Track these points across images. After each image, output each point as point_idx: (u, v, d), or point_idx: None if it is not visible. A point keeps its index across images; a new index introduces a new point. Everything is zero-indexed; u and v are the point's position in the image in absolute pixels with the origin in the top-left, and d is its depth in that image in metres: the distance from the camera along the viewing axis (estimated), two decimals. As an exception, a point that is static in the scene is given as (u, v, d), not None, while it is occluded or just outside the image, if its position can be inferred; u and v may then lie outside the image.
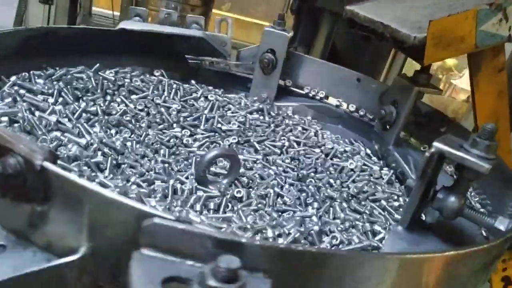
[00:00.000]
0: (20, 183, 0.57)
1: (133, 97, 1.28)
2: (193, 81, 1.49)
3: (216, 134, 1.24)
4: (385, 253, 0.79)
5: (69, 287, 0.57)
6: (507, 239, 0.76)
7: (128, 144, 1.06)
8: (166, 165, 1.03)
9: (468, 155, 0.76)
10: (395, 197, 1.09)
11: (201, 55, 1.52)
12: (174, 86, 1.39)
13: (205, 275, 0.47)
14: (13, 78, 1.09)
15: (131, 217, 0.53)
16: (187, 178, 1.02)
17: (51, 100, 1.09)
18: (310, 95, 1.59)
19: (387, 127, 1.28)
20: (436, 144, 0.78)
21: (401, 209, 1.04)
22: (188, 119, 1.26)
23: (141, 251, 0.51)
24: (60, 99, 1.11)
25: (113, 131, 1.09)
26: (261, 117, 1.42)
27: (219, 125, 1.27)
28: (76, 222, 0.57)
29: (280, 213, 0.96)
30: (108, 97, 1.22)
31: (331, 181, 1.12)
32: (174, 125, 1.21)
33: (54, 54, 1.23)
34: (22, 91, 1.05)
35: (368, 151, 1.34)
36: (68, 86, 1.15)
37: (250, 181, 1.06)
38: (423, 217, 0.92)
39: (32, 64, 1.16)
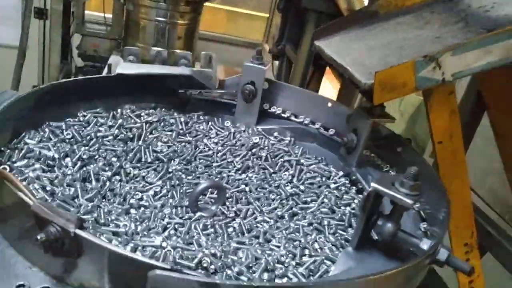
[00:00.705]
0: (59, 245, 0.79)
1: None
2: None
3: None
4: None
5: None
6: (427, 256, 0.99)
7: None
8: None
9: (397, 193, 0.98)
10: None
11: (190, 88, 1.74)
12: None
13: (193, 310, 0.70)
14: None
15: (138, 268, 0.76)
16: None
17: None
18: (285, 116, 1.80)
19: (350, 151, 1.51)
20: (373, 184, 1.01)
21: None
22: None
23: (148, 293, 0.74)
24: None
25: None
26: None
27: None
28: (100, 270, 0.80)
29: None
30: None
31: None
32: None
33: (62, 104, 1.44)
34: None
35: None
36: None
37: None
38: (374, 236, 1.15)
39: (46, 116, 1.38)
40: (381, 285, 0.89)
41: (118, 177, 1.32)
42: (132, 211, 1.21)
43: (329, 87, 4.52)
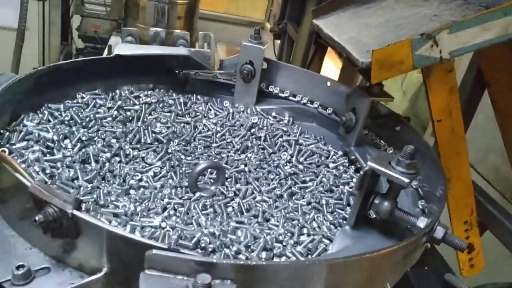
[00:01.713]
0: (57, 225, 0.80)
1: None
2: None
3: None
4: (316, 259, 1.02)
5: (98, 298, 0.82)
6: (424, 234, 1.00)
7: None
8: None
9: (393, 172, 0.99)
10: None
11: (188, 68, 1.73)
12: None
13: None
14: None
15: (136, 248, 0.77)
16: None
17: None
18: (284, 96, 1.79)
19: (349, 131, 1.51)
20: (369, 163, 1.01)
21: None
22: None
23: (145, 271, 0.75)
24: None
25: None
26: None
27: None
28: (98, 250, 0.81)
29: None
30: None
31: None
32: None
33: (61, 86, 1.44)
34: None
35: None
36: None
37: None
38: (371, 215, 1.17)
39: (44, 98, 1.38)
40: (378, 262, 0.90)
41: (117, 159, 1.33)
42: (132, 192, 1.22)
43: (331, 66, 4.49)
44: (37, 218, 0.78)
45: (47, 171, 1.12)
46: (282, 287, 0.80)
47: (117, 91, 1.59)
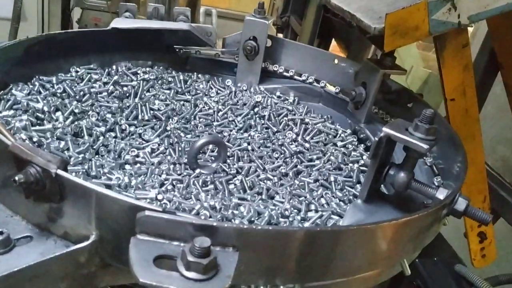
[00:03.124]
0: (40, 188, 0.72)
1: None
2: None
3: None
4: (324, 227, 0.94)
5: (84, 267, 0.73)
6: (444, 205, 0.92)
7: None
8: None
9: (410, 137, 0.90)
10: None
11: (188, 45, 1.65)
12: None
13: (186, 253, 0.62)
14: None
15: (127, 210, 0.68)
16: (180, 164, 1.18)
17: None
18: (288, 75, 1.71)
19: (358, 106, 1.42)
20: (384, 129, 0.92)
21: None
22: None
23: (137, 236, 0.67)
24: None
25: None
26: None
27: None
28: (85, 216, 0.73)
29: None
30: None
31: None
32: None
33: (54, 58, 1.36)
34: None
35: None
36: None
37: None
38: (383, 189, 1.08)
39: (36, 69, 1.30)
40: (394, 234, 0.81)
41: (112, 134, 1.25)
42: (127, 167, 1.14)
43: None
44: (16, 178, 0.69)
45: (35, 139, 1.03)
46: (290, 256, 0.71)
47: (114, 67, 1.51)
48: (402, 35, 1.17)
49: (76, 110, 1.23)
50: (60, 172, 0.71)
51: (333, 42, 3.66)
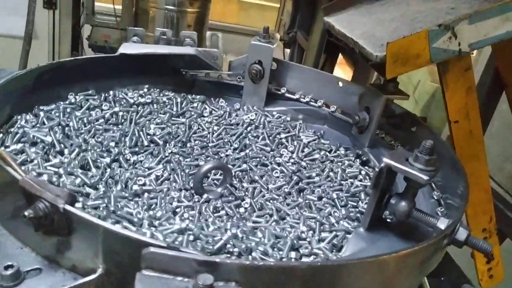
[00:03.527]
0: (49, 222, 0.74)
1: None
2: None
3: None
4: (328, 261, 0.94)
5: (91, 301, 0.76)
6: (445, 236, 0.93)
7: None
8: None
9: (410, 168, 0.92)
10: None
11: (195, 69, 1.68)
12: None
13: (189, 290, 0.64)
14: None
15: (133, 246, 0.70)
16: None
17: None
18: (293, 97, 1.73)
19: (362, 131, 1.43)
20: (385, 159, 0.94)
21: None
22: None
23: (142, 272, 0.69)
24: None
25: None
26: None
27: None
28: (92, 249, 0.75)
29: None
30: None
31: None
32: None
33: (63, 84, 1.40)
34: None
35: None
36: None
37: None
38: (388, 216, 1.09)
39: (46, 96, 1.34)
40: (395, 266, 0.83)
41: (116, 163, 1.25)
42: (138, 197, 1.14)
43: (341, 75, 4.45)
44: (26, 213, 0.72)
45: (45, 176, 1.04)
46: (292, 291, 0.73)
47: (111, 92, 1.52)
48: (404, 63, 1.19)
49: (80, 140, 1.24)
50: (68, 207, 0.73)
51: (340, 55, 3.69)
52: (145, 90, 1.61)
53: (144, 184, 1.18)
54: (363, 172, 1.35)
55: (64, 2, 4.11)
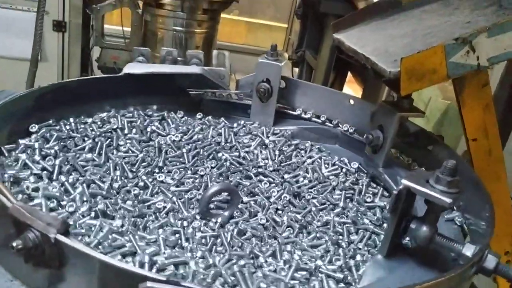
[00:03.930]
0: (39, 253, 0.68)
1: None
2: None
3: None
4: None
5: None
6: (472, 264, 0.85)
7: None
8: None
9: (432, 191, 0.85)
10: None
11: (201, 88, 1.63)
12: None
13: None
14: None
15: (129, 279, 0.64)
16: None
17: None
18: (306, 117, 1.68)
19: (376, 150, 1.37)
20: (404, 181, 0.87)
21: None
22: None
23: (139, 308, 0.62)
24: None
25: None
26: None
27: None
28: (86, 282, 0.68)
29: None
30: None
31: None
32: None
33: (67, 105, 1.36)
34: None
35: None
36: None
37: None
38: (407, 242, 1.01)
39: (47, 117, 1.29)
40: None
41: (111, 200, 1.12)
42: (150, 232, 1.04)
43: (351, 93, 4.39)
44: (14, 244, 0.66)
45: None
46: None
47: (71, 119, 1.36)
48: (419, 79, 1.13)
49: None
50: (60, 237, 0.67)
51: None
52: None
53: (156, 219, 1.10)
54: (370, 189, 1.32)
55: (73, 25, 4.14)
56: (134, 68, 1.52)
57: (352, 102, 1.60)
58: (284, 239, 1.07)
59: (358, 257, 1.00)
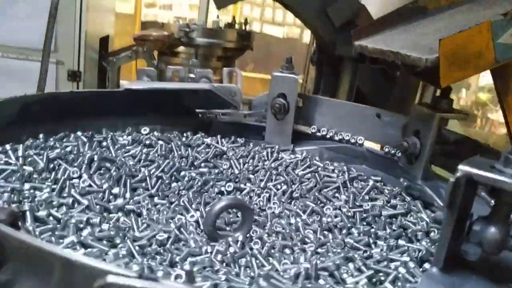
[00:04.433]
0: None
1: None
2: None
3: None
4: None
5: None
6: None
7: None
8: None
9: (502, 176, 0.64)
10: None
11: (211, 107, 1.48)
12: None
13: None
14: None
15: (85, 276, 0.45)
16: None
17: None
18: (328, 136, 1.50)
19: (412, 160, 1.17)
20: (461, 167, 0.67)
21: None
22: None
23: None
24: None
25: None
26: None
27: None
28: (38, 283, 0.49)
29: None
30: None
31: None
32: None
33: (59, 119, 1.21)
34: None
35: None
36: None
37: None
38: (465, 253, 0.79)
39: (39, 129, 1.15)
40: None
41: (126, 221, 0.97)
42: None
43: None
44: None
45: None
46: None
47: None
48: (462, 66, 0.96)
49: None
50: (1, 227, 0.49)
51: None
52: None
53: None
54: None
55: (88, 76, 4.13)
56: (135, 84, 1.39)
57: (379, 116, 1.41)
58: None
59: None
